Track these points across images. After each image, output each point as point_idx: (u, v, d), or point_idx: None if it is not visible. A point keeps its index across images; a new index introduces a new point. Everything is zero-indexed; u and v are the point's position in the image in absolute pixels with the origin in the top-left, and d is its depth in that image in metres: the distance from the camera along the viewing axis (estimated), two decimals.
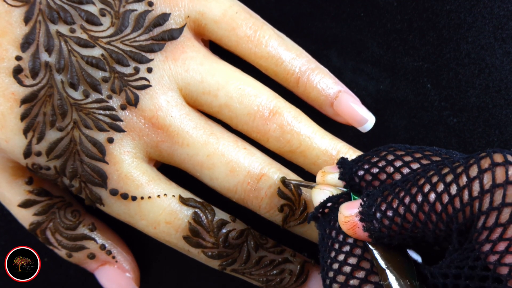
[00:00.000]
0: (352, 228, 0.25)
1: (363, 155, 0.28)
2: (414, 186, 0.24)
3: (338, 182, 0.28)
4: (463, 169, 0.23)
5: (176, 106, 0.32)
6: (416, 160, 0.26)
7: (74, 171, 0.31)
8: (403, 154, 0.27)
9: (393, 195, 0.24)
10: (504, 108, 0.36)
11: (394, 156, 0.27)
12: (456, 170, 0.23)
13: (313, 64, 0.34)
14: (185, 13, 0.32)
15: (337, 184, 0.29)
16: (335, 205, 0.27)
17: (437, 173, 0.23)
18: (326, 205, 0.28)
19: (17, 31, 0.30)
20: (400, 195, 0.24)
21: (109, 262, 0.36)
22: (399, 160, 0.27)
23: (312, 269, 0.34)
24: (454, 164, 0.23)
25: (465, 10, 0.37)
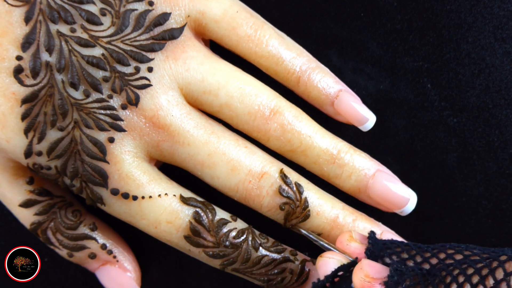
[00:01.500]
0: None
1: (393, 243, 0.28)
2: (441, 283, 0.24)
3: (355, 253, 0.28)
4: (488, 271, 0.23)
5: (177, 106, 0.32)
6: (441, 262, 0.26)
7: (75, 170, 0.31)
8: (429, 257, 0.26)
9: (422, 285, 0.24)
10: (504, 108, 0.36)
11: (422, 259, 0.26)
12: (481, 272, 0.23)
13: (313, 63, 0.34)
14: (185, 12, 0.32)
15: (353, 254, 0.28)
16: (347, 273, 0.27)
17: (463, 273, 0.23)
18: (337, 274, 0.28)
19: (18, 31, 0.30)
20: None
21: (110, 262, 0.36)
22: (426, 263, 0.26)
23: (313, 268, 0.34)
24: (477, 265, 0.23)
25: (465, 10, 0.37)
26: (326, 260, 0.29)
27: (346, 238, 0.29)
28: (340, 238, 0.30)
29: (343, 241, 0.29)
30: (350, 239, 0.29)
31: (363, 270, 0.26)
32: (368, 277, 0.25)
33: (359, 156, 0.34)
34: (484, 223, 0.37)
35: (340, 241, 0.30)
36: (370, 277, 0.25)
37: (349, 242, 0.29)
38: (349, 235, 0.29)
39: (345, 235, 0.30)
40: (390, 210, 0.34)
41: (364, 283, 0.25)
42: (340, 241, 0.30)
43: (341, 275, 0.28)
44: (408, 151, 0.37)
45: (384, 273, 0.25)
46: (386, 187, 0.34)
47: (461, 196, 0.37)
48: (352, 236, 0.29)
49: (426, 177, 0.37)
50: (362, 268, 0.26)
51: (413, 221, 0.37)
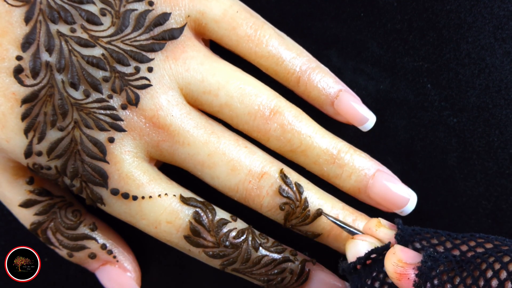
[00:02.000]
0: (402, 276, 0.25)
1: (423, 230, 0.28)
2: (477, 270, 0.24)
3: (387, 239, 0.28)
4: None
5: (177, 106, 0.32)
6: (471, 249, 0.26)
7: (75, 171, 0.31)
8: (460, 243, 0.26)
9: (456, 271, 0.24)
10: (504, 108, 0.36)
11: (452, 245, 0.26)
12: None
13: (313, 63, 0.34)
14: (185, 12, 0.32)
15: (383, 239, 0.28)
16: (379, 256, 0.27)
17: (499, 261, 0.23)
18: (369, 256, 0.27)
19: (18, 31, 0.30)
20: (463, 275, 0.24)
21: (110, 262, 0.36)
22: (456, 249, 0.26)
23: (313, 268, 0.34)
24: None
25: (465, 10, 0.37)
26: (358, 242, 0.28)
27: (375, 224, 0.29)
28: (368, 224, 0.30)
29: (371, 227, 0.29)
30: (378, 224, 0.29)
31: (396, 255, 0.25)
32: (401, 262, 0.25)
33: (359, 156, 0.34)
34: (484, 223, 0.37)
35: (368, 227, 0.29)
36: (403, 262, 0.25)
37: (378, 227, 0.29)
38: (378, 220, 0.29)
39: (373, 221, 0.29)
40: (390, 210, 0.34)
41: (397, 268, 0.25)
42: (369, 227, 0.29)
43: (373, 258, 0.27)
44: (408, 151, 0.37)
45: (417, 258, 0.25)
46: (386, 187, 0.34)
47: (461, 196, 0.37)
48: (380, 222, 0.29)
49: (426, 177, 0.37)
50: (395, 253, 0.25)
51: (413, 221, 0.37)
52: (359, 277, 0.28)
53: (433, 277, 0.24)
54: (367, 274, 0.27)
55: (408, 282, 0.25)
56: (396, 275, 0.25)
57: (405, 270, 0.25)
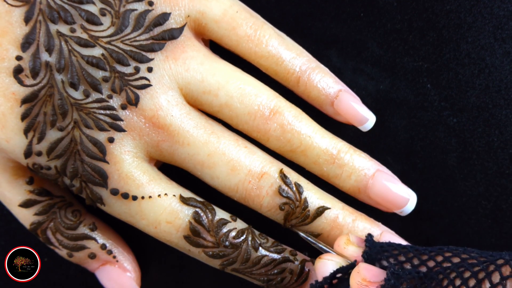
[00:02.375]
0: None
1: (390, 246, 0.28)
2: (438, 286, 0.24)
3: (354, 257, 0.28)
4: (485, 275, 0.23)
5: (177, 106, 0.32)
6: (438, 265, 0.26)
7: (74, 171, 0.31)
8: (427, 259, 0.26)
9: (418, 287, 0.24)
10: (504, 108, 0.36)
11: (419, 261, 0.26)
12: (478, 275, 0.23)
13: (313, 63, 0.34)
14: (185, 12, 0.32)
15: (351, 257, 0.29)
16: (345, 275, 0.27)
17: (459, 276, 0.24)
18: (335, 276, 0.28)
19: (18, 31, 0.30)
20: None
21: (110, 262, 0.36)
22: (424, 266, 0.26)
23: (312, 268, 0.34)
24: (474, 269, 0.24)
25: (465, 10, 0.37)
26: (325, 262, 0.29)
27: (344, 241, 0.29)
28: (338, 241, 0.30)
29: (340, 244, 0.30)
30: (347, 242, 0.29)
31: (360, 274, 0.26)
32: (365, 280, 0.25)
33: (359, 156, 0.34)
34: (484, 223, 0.37)
35: (337, 244, 0.30)
36: (367, 280, 0.25)
37: (346, 245, 0.29)
38: (347, 238, 0.29)
39: (342, 238, 0.30)
40: (390, 210, 0.34)
41: (362, 286, 0.25)
42: (338, 244, 0.30)
43: (339, 277, 0.28)
44: (408, 151, 0.37)
45: (381, 276, 0.25)
46: (386, 187, 0.34)
47: (461, 196, 0.37)
48: (349, 239, 0.29)
49: (426, 177, 0.37)
50: (359, 272, 0.26)
51: (413, 221, 0.37)
52: None
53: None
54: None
55: None
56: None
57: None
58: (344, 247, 0.29)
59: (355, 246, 0.29)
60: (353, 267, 0.27)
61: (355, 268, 0.26)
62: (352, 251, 0.29)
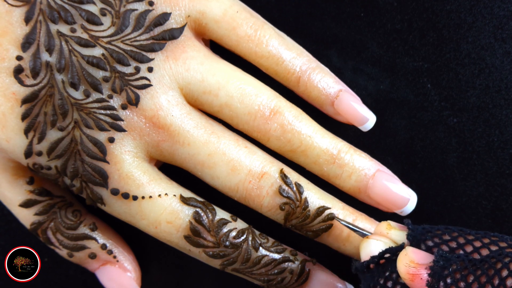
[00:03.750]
0: (415, 277, 0.25)
1: (434, 227, 0.28)
2: (491, 268, 0.24)
3: (399, 240, 0.28)
4: None
5: (177, 106, 0.32)
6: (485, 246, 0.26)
7: (75, 171, 0.31)
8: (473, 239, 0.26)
9: (469, 269, 0.24)
10: (504, 108, 0.36)
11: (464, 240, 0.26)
12: None
13: (313, 63, 0.34)
14: (185, 12, 0.32)
15: (396, 241, 0.28)
16: (393, 257, 0.27)
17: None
18: (383, 256, 0.28)
19: (18, 31, 0.30)
20: (477, 273, 0.24)
21: (110, 262, 0.36)
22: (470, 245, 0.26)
23: (313, 268, 0.34)
24: None
25: (465, 10, 0.37)
26: (373, 241, 0.29)
27: (385, 226, 0.29)
28: (378, 227, 0.30)
29: (382, 230, 0.29)
30: (389, 227, 0.29)
31: (408, 256, 0.26)
32: (413, 262, 0.25)
33: (359, 156, 0.34)
34: (484, 223, 0.37)
35: (379, 230, 0.30)
36: (415, 262, 0.25)
37: (388, 230, 0.29)
38: (387, 223, 0.29)
39: (383, 224, 0.29)
40: (390, 210, 0.34)
41: (410, 269, 0.25)
42: (379, 230, 0.30)
43: (387, 258, 0.28)
44: (408, 151, 0.37)
45: (429, 259, 0.25)
46: (386, 187, 0.34)
47: (461, 196, 0.37)
48: (390, 224, 0.29)
49: (426, 177, 0.37)
50: (407, 254, 0.26)
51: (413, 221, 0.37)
52: (371, 276, 0.28)
53: (446, 275, 0.24)
54: (380, 273, 0.27)
55: (421, 282, 0.25)
56: (409, 276, 0.25)
57: (418, 270, 0.25)
58: (387, 232, 0.29)
59: (397, 229, 0.29)
60: (401, 249, 0.27)
61: (403, 251, 0.26)
62: (396, 235, 0.29)
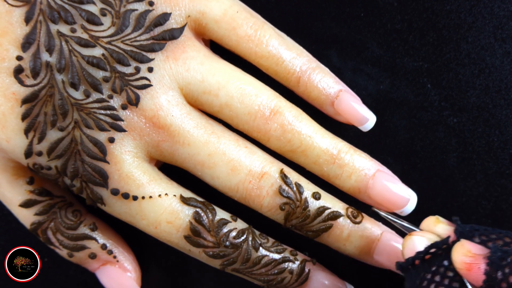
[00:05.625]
0: (472, 266, 0.25)
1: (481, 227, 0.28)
2: None
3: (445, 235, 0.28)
4: None
5: (177, 106, 0.32)
6: None
7: (75, 171, 0.31)
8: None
9: None
10: (504, 108, 0.36)
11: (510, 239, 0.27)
12: None
13: (313, 63, 0.34)
14: (185, 12, 0.32)
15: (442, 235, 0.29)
16: (439, 251, 0.27)
17: None
18: (429, 251, 0.28)
19: (18, 31, 0.30)
20: None
21: (110, 262, 0.36)
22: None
23: (313, 268, 0.34)
24: None
25: (465, 10, 0.37)
26: (417, 238, 0.29)
27: (433, 221, 0.29)
28: (426, 221, 0.30)
29: (429, 224, 0.29)
30: (437, 221, 0.29)
31: (464, 247, 0.26)
32: (470, 252, 0.25)
33: (359, 156, 0.34)
34: (484, 223, 0.37)
35: (426, 224, 0.30)
36: (472, 253, 0.25)
37: (436, 223, 0.29)
38: (436, 218, 0.29)
39: (431, 218, 0.30)
40: (390, 210, 0.34)
41: (467, 258, 0.25)
42: (427, 224, 0.30)
43: (432, 253, 0.28)
44: (408, 151, 0.37)
45: (484, 250, 0.25)
46: (386, 187, 0.34)
47: (461, 196, 0.37)
48: (438, 219, 0.29)
49: (426, 177, 0.37)
50: (463, 245, 0.26)
51: (413, 221, 0.37)
52: (417, 272, 0.28)
53: (504, 266, 0.24)
54: (426, 268, 0.27)
55: (478, 271, 0.25)
56: (466, 265, 0.25)
57: (475, 260, 0.25)
58: (435, 225, 0.29)
59: (445, 224, 0.29)
60: (447, 243, 0.27)
61: (458, 243, 0.26)
62: (443, 229, 0.29)
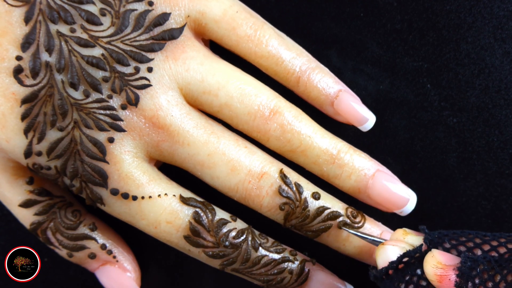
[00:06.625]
0: (443, 278, 0.25)
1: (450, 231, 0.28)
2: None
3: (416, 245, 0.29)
4: None
5: (177, 106, 0.32)
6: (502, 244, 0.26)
7: (74, 171, 0.31)
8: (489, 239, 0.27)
9: (496, 269, 0.24)
10: (504, 108, 0.36)
11: (481, 240, 0.27)
12: None
13: (313, 63, 0.34)
14: (185, 12, 0.32)
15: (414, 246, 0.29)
16: (411, 260, 0.27)
17: None
18: (402, 260, 0.28)
19: (18, 31, 0.30)
20: (503, 272, 0.24)
21: (109, 262, 0.36)
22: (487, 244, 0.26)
23: (312, 268, 0.34)
24: None
25: (465, 10, 0.37)
26: (389, 247, 0.29)
27: (401, 233, 0.29)
28: (394, 234, 0.30)
29: (398, 236, 0.30)
30: (405, 233, 0.29)
31: (434, 258, 0.26)
32: (440, 264, 0.26)
33: (358, 156, 0.34)
34: (484, 223, 0.37)
35: (395, 237, 0.30)
36: (443, 264, 0.25)
37: (405, 236, 0.29)
38: (403, 230, 0.30)
39: (399, 231, 0.30)
40: (390, 210, 0.34)
41: (437, 270, 0.25)
42: (395, 237, 0.30)
43: (405, 262, 0.28)
44: (408, 151, 0.37)
45: (455, 260, 0.26)
46: (386, 187, 0.34)
47: (461, 196, 0.37)
48: (406, 230, 0.29)
49: (426, 177, 0.37)
50: (433, 256, 0.26)
51: (413, 221, 0.37)
52: (391, 282, 0.28)
53: (474, 276, 0.25)
54: (399, 278, 0.27)
55: (449, 283, 0.25)
56: (437, 277, 0.26)
57: (445, 271, 0.25)
58: (404, 237, 0.29)
59: (413, 235, 0.29)
60: (419, 251, 0.27)
61: (429, 253, 0.26)
62: (413, 240, 0.29)
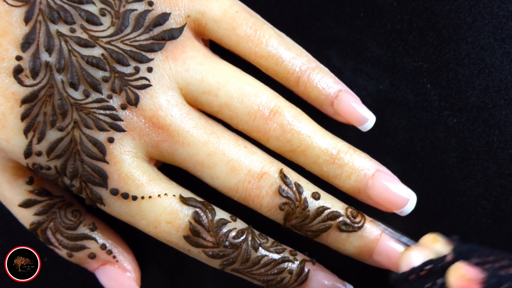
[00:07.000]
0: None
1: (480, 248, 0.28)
2: None
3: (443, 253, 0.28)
4: None
5: (177, 106, 0.32)
6: None
7: (74, 171, 0.31)
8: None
9: None
10: (504, 108, 0.36)
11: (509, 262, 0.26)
12: None
13: (313, 63, 0.34)
14: (185, 12, 0.32)
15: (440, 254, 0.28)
16: (435, 268, 0.27)
17: None
18: (424, 267, 0.28)
19: (17, 31, 0.30)
20: None
21: (109, 262, 0.36)
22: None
23: (312, 268, 0.34)
24: None
25: (465, 10, 0.37)
26: (414, 253, 0.29)
27: (432, 238, 0.29)
28: (425, 238, 0.30)
29: (428, 241, 0.29)
30: (435, 239, 0.29)
31: (460, 270, 0.26)
32: (465, 276, 0.25)
33: (358, 156, 0.34)
34: (484, 223, 0.37)
35: (424, 241, 0.30)
36: (468, 277, 0.25)
37: (434, 242, 0.29)
38: (435, 236, 0.29)
39: (430, 236, 0.30)
40: (390, 210, 0.34)
41: (462, 283, 0.25)
42: (425, 241, 0.30)
43: (428, 269, 0.27)
44: (408, 151, 0.37)
45: (480, 275, 0.25)
46: (386, 187, 0.34)
47: (461, 196, 0.37)
48: (437, 237, 0.29)
49: (426, 177, 0.37)
50: (459, 268, 0.26)
51: (413, 221, 0.37)
52: (411, 287, 0.28)
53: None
54: (420, 285, 0.27)
55: None
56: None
57: (470, 285, 0.25)
58: (433, 244, 0.29)
59: (443, 243, 0.29)
60: (443, 261, 0.27)
61: (455, 265, 0.26)
62: (441, 248, 0.29)
